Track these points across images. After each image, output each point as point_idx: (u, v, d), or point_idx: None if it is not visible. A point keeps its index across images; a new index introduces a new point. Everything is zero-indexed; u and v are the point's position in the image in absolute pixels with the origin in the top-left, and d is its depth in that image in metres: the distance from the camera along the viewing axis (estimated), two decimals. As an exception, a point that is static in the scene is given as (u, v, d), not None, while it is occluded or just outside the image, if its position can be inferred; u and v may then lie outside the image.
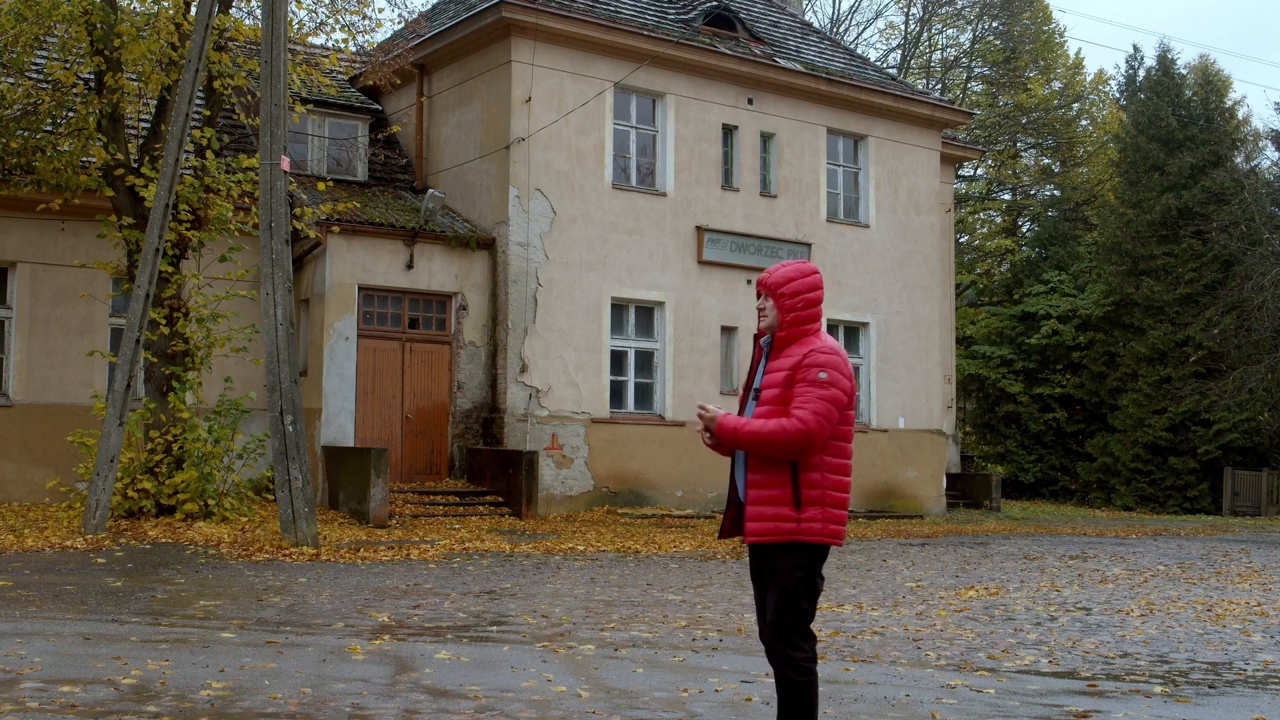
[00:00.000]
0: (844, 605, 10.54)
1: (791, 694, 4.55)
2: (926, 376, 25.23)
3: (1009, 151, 44.32)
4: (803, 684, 4.54)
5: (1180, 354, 32.42)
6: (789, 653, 4.55)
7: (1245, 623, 10.12)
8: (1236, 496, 31.48)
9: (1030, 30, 43.72)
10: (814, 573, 4.59)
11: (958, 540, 19.28)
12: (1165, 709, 6.50)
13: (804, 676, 4.54)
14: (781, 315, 4.67)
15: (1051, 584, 12.87)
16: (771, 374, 4.64)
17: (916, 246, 25.21)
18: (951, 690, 6.84)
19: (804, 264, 4.76)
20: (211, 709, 5.81)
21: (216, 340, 16.35)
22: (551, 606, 9.97)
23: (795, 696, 4.54)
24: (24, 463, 18.29)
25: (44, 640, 7.51)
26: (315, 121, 21.70)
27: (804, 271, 4.70)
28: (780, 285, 4.68)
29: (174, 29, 16.10)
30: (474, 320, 20.48)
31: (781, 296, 4.66)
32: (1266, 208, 32.34)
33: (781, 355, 4.66)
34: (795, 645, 4.56)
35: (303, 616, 8.97)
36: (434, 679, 6.69)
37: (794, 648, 4.55)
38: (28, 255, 18.59)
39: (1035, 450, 36.59)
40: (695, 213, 22.11)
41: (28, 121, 17.14)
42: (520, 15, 20.15)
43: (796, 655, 4.55)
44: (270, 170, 13.77)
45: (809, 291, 4.67)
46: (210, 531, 14.66)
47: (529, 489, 18.98)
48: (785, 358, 4.63)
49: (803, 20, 28.29)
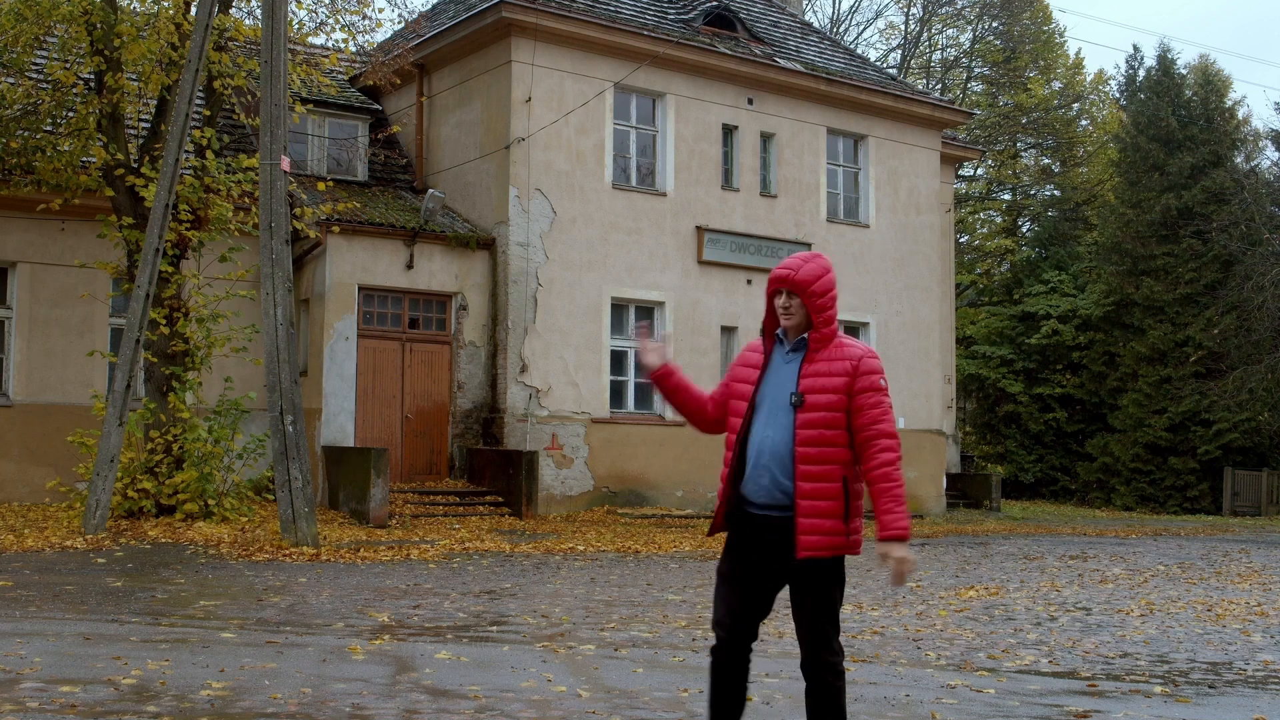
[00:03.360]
0: (844, 605, 10.53)
1: (835, 699, 4.45)
2: (926, 376, 25.23)
3: (1009, 151, 44.33)
4: (842, 687, 4.48)
5: (1180, 354, 32.43)
6: (833, 661, 4.46)
7: (1245, 623, 10.12)
8: (1236, 496, 31.49)
9: (1030, 30, 43.74)
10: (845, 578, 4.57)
11: (958, 540, 19.28)
12: (1165, 709, 6.49)
13: (842, 680, 4.50)
14: (815, 315, 4.42)
15: (1051, 584, 12.87)
16: (817, 379, 4.38)
17: (916, 246, 25.21)
18: (951, 690, 6.84)
19: (821, 257, 4.51)
20: (211, 709, 5.80)
21: (216, 340, 16.35)
22: (551, 606, 9.97)
23: (837, 700, 4.46)
24: (24, 463, 18.28)
25: (44, 640, 7.51)
26: (315, 121, 21.69)
27: (826, 267, 4.46)
28: (810, 283, 4.39)
29: (174, 29, 16.09)
30: (474, 320, 20.48)
31: (812, 295, 4.39)
32: (1266, 208, 32.35)
33: (819, 359, 4.41)
34: (835, 651, 4.47)
35: (303, 616, 8.97)
36: (434, 679, 6.69)
37: (835, 653, 4.47)
38: (28, 255, 18.58)
39: (1035, 450, 36.59)
40: (695, 213, 22.11)
41: (28, 121, 17.14)
42: (520, 15, 20.15)
43: (836, 660, 4.47)
44: (270, 170, 13.77)
45: (833, 288, 4.47)
46: (210, 531, 14.66)
47: (529, 489, 18.98)
48: (825, 361, 4.40)
49: (803, 20, 28.29)
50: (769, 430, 4.42)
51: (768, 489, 4.40)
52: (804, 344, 4.46)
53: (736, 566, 4.54)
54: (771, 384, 4.48)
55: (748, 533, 4.51)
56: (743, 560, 4.53)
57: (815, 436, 4.34)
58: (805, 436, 4.35)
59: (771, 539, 4.43)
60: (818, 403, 4.35)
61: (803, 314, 4.44)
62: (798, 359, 4.46)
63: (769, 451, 4.40)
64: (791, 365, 4.47)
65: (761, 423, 4.45)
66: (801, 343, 4.47)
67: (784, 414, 4.40)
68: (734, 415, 4.57)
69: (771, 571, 4.50)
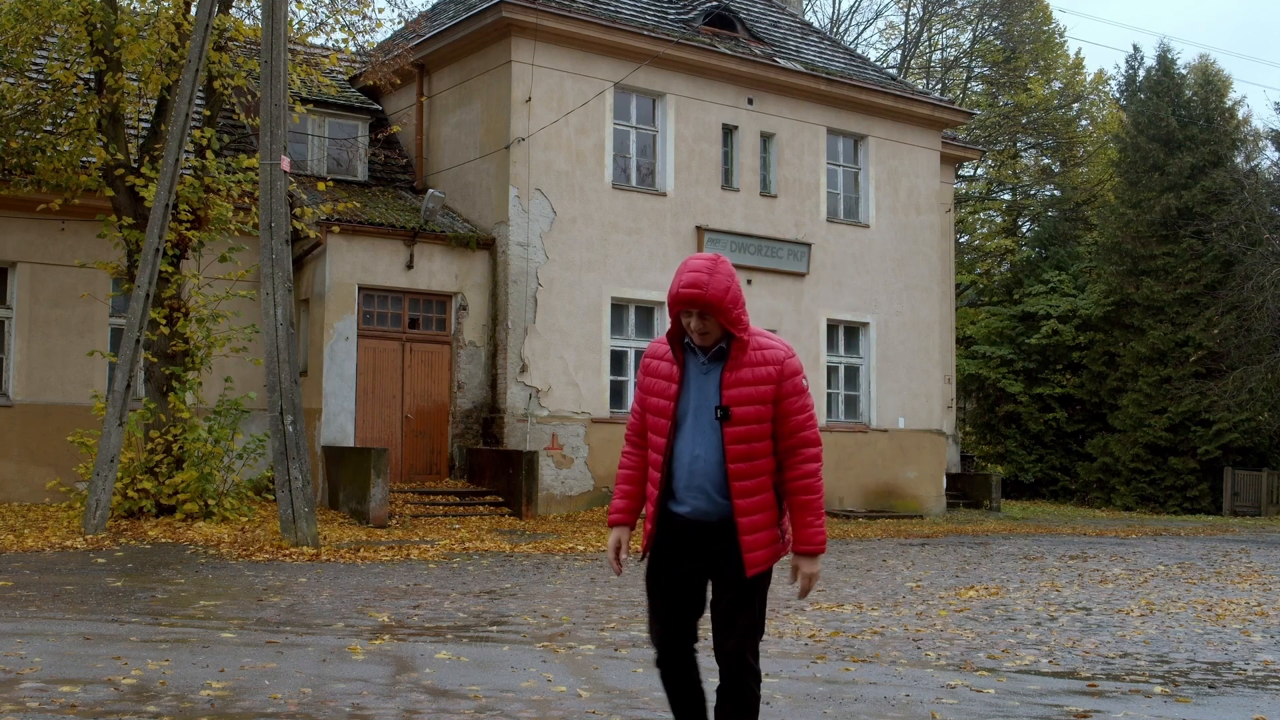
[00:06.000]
0: (844, 605, 10.54)
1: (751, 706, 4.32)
2: (926, 376, 25.23)
3: (1009, 151, 44.33)
4: (758, 695, 4.36)
5: (1180, 354, 32.43)
6: (757, 667, 4.33)
7: (1245, 623, 10.12)
8: (1236, 496, 31.49)
9: (1030, 30, 43.75)
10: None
11: (958, 540, 19.28)
12: (1165, 709, 6.49)
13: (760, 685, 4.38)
14: (731, 327, 4.15)
15: (1051, 584, 12.87)
16: (742, 388, 4.17)
17: (916, 246, 25.21)
18: (951, 690, 6.84)
19: (720, 260, 4.20)
20: (211, 709, 5.80)
21: (216, 340, 16.35)
22: (551, 606, 9.97)
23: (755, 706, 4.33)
24: (24, 463, 18.28)
25: (44, 640, 7.51)
26: (315, 121, 21.70)
27: (730, 273, 4.17)
28: (722, 298, 4.10)
29: (174, 29, 16.10)
30: (474, 320, 20.48)
31: (726, 311, 4.12)
32: (1266, 208, 32.34)
33: (742, 366, 4.18)
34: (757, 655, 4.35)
35: (303, 616, 8.97)
36: (434, 679, 6.69)
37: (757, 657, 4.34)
38: (28, 255, 18.58)
39: (1035, 450, 36.59)
40: (695, 213, 22.11)
41: (28, 121, 17.14)
42: (520, 15, 20.15)
43: (757, 666, 4.34)
44: (270, 170, 13.77)
45: (740, 292, 4.20)
46: (210, 531, 14.66)
47: (529, 489, 18.98)
48: (749, 367, 4.18)
49: (803, 20, 28.28)
50: (697, 448, 4.22)
51: (704, 509, 4.23)
52: (723, 353, 4.24)
53: (670, 574, 4.37)
54: (693, 396, 4.24)
55: (678, 539, 4.33)
56: (676, 566, 4.36)
57: (745, 451, 4.17)
58: (736, 452, 4.17)
59: (704, 543, 4.29)
60: (746, 415, 4.16)
61: (719, 331, 4.20)
62: (718, 368, 4.23)
63: (700, 472, 4.21)
64: (711, 376, 4.23)
65: (688, 440, 4.23)
66: (721, 351, 4.24)
67: (710, 429, 4.20)
68: (655, 432, 4.32)
69: (703, 569, 4.35)
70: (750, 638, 4.29)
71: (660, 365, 4.33)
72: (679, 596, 4.37)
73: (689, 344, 4.28)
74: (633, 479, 4.49)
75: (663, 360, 4.34)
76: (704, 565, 4.33)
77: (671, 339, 4.29)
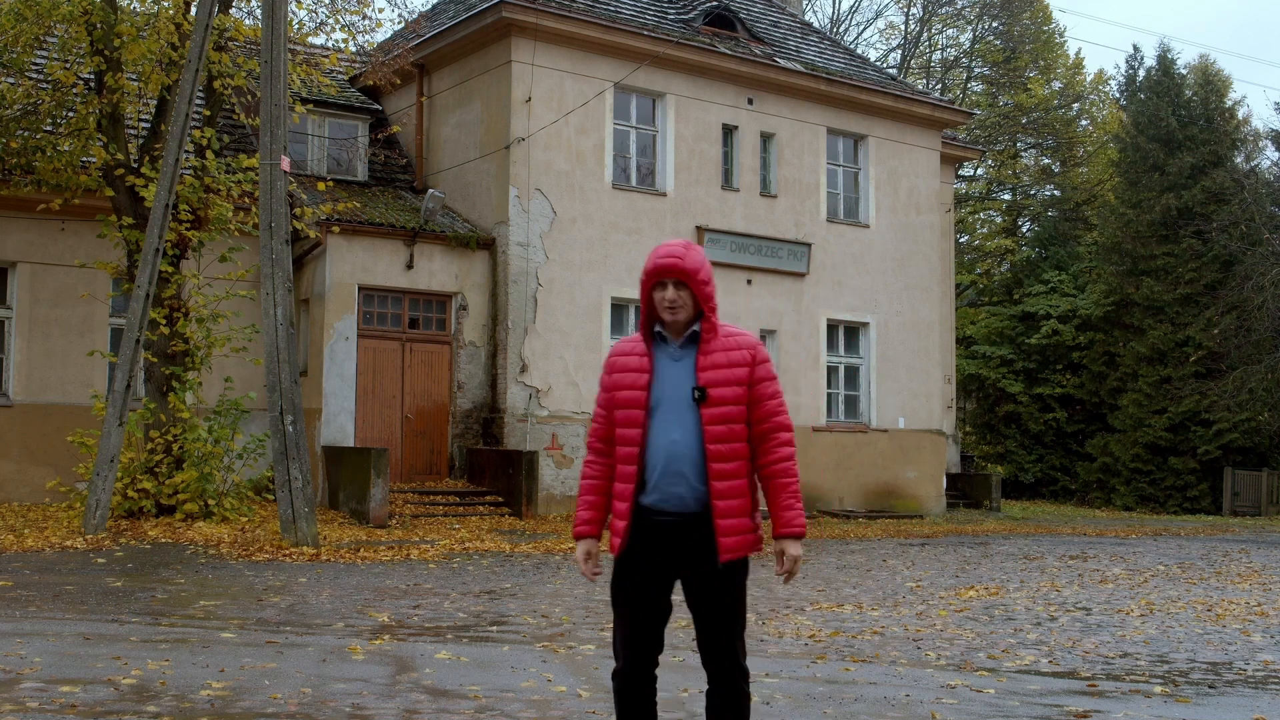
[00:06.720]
0: (844, 605, 10.54)
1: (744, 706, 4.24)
2: (926, 376, 25.23)
3: (1009, 151, 44.34)
4: (749, 694, 4.28)
5: (1180, 354, 32.43)
6: (744, 666, 4.24)
7: (1245, 623, 10.12)
8: (1236, 496, 31.49)
9: (1030, 30, 43.76)
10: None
11: (958, 540, 19.28)
12: (1165, 709, 6.49)
13: (749, 683, 4.29)
14: (704, 303, 4.17)
15: (1051, 584, 12.87)
16: (718, 370, 4.15)
17: (916, 246, 25.21)
18: (951, 690, 6.84)
19: (689, 243, 4.26)
20: (211, 709, 5.81)
21: (216, 340, 16.35)
22: (551, 606, 9.97)
23: (746, 705, 4.25)
24: (24, 463, 18.28)
25: (44, 640, 7.51)
26: (315, 121, 21.70)
27: (702, 253, 4.24)
28: (698, 270, 4.14)
29: (174, 29, 16.10)
30: (474, 320, 20.49)
31: (701, 283, 4.14)
32: (1266, 208, 32.35)
33: (714, 349, 4.18)
34: (743, 653, 4.25)
35: (303, 616, 8.97)
36: (434, 679, 6.69)
37: (743, 655, 4.25)
38: (28, 255, 18.59)
39: (1035, 450, 36.60)
40: (695, 213, 22.11)
41: (28, 121, 17.15)
42: (520, 15, 20.15)
43: (745, 665, 4.25)
44: (270, 170, 13.77)
45: (711, 271, 4.22)
46: (210, 531, 14.66)
47: (529, 489, 18.98)
48: (723, 351, 4.17)
49: (803, 20, 28.29)
50: (674, 433, 4.14)
51: (681, 496, 4.14)
52: (694, 337, 4.21)
53: (643, 571, 4.23)
54: (665, 385, 4.19)
55: (651, 536, 4.20)
56: (648, 564, 4.23)
57: (724, 433, 4.12)
58: (714, 434, 4.12)
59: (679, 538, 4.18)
60: (723, 396, 4.13)
61: (692, 305, 4.18)
62: (690, 354, 4.20)
63: (679, 456, 4.13)
64: (684, 362, 4.20)
65: (662, 426, 4.15)
66: (692, 336, 4.21)
67: (688, 413, 4.15)
68: (625, 426, 4.22)
69: (671, 575, 4.24)
70: (736, 634, 4.23)
71: (629, 360, 4.29)
72: (651, 593, 4.24)
73: (659, 334, 4.26)
74: (598, 489, 4.40)
75: (631, 355, 4.30)
76: (678, 560, 4.22)
77: (643, 329, 4.28)
